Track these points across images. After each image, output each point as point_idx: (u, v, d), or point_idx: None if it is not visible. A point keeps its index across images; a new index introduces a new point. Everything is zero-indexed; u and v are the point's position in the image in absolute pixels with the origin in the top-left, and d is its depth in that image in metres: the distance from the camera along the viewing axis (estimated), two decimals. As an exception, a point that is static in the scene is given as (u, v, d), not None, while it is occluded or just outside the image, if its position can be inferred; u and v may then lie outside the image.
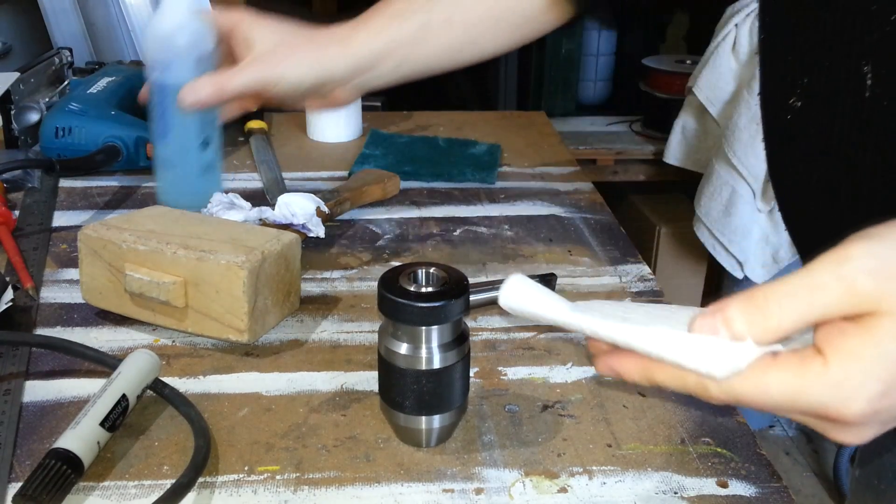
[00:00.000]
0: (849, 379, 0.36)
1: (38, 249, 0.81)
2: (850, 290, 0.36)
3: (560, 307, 0.47)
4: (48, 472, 0.49)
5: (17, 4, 1.45)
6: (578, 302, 0.55)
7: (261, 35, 0.74)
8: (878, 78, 0.48)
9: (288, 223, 0.78)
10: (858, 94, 0.49)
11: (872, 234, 0.37)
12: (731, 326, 0.38)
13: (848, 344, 0.37)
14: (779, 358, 0.38)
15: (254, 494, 0.52)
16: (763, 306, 0.38)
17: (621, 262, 0.82)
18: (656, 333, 0.41)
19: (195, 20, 0.75)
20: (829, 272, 0.37)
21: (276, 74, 0.73)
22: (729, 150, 1.45)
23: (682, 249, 1.96)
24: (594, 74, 2.19)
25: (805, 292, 0.37)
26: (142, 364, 0.59)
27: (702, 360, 0.39)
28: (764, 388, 0.38)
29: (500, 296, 0.49)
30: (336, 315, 0.72)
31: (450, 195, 0.96)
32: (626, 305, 0.54)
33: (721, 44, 1.52)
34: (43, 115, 1.01)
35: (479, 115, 1.27)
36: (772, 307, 0.37)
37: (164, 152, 0.80)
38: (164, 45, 0.75)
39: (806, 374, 0.37)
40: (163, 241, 0.65)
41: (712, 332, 0.38)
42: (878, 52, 0.47)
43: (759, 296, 0.38)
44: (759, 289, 0.38)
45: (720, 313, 0.38)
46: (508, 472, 0.54)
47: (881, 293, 0.36)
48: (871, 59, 0.48)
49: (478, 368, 0.65)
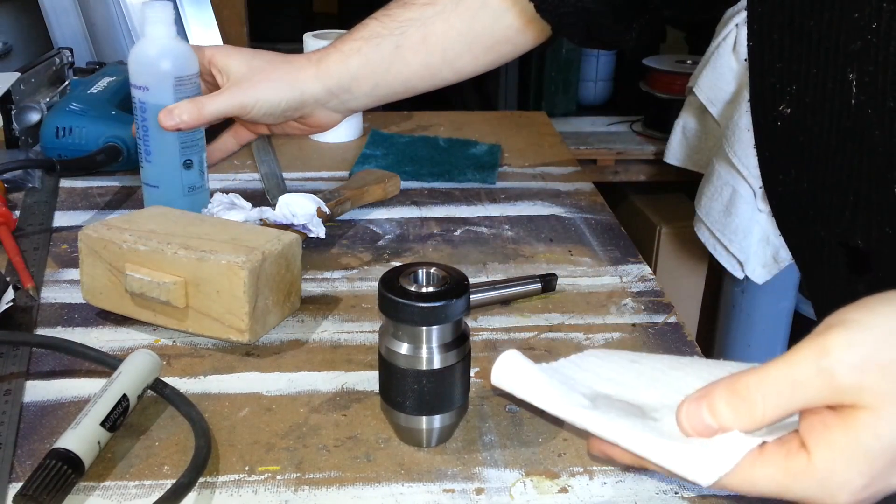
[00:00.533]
0: (833, 474, 0.38)
1: (39, 249, 0.81)
2: (830, 385, 0.37)
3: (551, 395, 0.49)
4: (49, 472, 0.49)
5: (17, 4, 1.45)
6: (573, 356, 0.55)
7: (236, 63, 0.78)
8: (862, 85, 0.48)
9: (288, 223, 0.78)
10: (844, 101, 0.50)
11: (852, 321, 0.38)
12: (716, 416, 0.40)
13: (830, 438, 0.38)
14: (764, 452, 0.40)
15: (254, 494, 0.52)
16: (747, 397, 0.39)
17: (622, 262, 0.82)
18: (645, 439, 0.43)
19: (177, 45, 0.78)
20: (811, 364, 0.38)
21: (251, 98, 0.76)
22: (729, 150, 1.45)
23: (683, 249, 1.96)
24: (594, 74, 2.19)
25: (787, 385, 0.38)
26: (142, 364, 0.59)
27: (689, 467, 0.41)
28: (751, 483, 0.40)
29: (492, 374, 0.50)
30: (337, 315, 0.72)
31: (450, 195, 0.96)
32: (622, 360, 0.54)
33: (721, 44, 1.52)
34: (43, 115, 1.01)
35: (480, 116, 1.27)
36: (755, 398, 0.39)
37: (148, 172, 0.82)
38: (147, 68, 0.78)
39: (791, 469, 0.39)
40: (163, 242, 0.65)
41: (699, 422, 0.40)
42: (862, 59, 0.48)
43: (743, 386, 0.39)
44: (743, 378, 0.39)
45: (706, 400, 0.40)
46: (509, 472, 0.54)
47: (861, 387, 0.37)
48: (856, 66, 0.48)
49: (478, 368, 0.65)
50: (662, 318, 0.72)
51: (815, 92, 0.52)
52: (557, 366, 0.54)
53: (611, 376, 0.52)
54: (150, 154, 0.80)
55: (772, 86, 0.54)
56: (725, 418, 0.39)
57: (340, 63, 0.78)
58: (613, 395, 0.50)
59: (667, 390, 0.49)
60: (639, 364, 0.53)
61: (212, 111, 0.77)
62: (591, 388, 0.51)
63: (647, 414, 0.48)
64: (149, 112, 0.79)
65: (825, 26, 0.50)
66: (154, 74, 0.77)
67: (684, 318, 0.73)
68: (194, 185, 0.82)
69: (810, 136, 0.53)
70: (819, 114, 0.52)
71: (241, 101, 0.77)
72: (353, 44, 0.79)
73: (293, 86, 0.78)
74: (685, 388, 0.48)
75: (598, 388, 0.51)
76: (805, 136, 0.53)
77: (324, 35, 1.10)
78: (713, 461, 0.40)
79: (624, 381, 0.51)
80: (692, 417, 0.40)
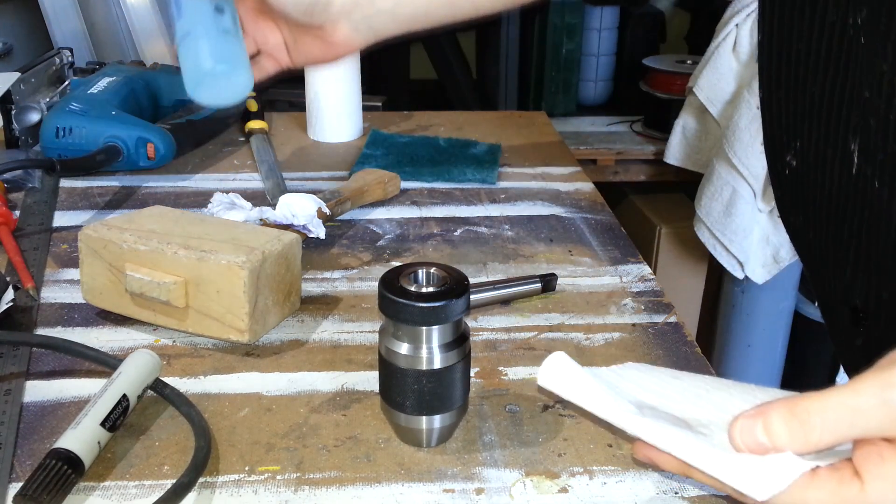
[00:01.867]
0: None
1: (39, 249, 0.81)
2: (891, 417, 0.38)
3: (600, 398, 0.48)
4: (49, 472, 0.49)
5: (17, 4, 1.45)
6: (614, 366, 0.55)
7: None
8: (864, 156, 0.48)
9: (288, 224, 0.78)
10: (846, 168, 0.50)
11: None
12: (772, 436, 0.39)
13: (885, 470, 0.38)
14: (817, 476, 0.40)
15: (254, 494, 0.52)
16: (805, 420, 0.39)
17: (622, 262, 0.82)
18: (699, 448, 0.43)
19: None
20: (874, 395, 0.38)
21: None
22: (729, 150, 1.45)
23: (683, 249, 1.96)
24: (594, 74, 2.19)
25: (848, 412, 0.38)
26: (142, 364, 0.59)
27: (745, 481, 0.40)
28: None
29: (539, 375, 0.49)
30: (337, 315, 0.72)
31: (450, 195, 0.96)
32: (664, 375, 0.54)
33: (721, 44, 1.52)
34: (43, 115, 1.01)
35: (480, 115, 1.27)
36: (814, 422, 0.38)
37: (181, 29, 0.76)
38: None
39: (843, 496, 0.39)
40: (163, 242, 0.65)
41: (752, 440, 0.40)
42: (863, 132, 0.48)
43: (802, 409, 0.39)
44: (803, 401, 0.39)
45: (762, 418, 0.40)
46: (509, 472, 0.54)
47: None
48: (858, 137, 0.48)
49: (478, 368, 0.65)
50: (662, 318, 0.72)
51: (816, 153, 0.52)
52: (599, 372, 0.53)
53: (654, 389, 0.52)
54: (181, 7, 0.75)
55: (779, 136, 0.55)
56: (780, 438, 0.39)
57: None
58: (658, 407, 0.50)
59: (712, 408, 0.49)
60: (681, 381, 0.53)
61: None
62: (636, 398, 0.50)
63: (693, 428, 0.47)
64: None
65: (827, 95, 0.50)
66: None
67: (684, 318, 0.73)
68: (227, 30, 0.76)
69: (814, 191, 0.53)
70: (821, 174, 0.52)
71: None
72: None
73: None
74: (731, 408, 0.48)
75: (642, 399, 0.50)
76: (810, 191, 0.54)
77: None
78: (769, 477, 0.40)
79: (668, 395, 0.51)
80: (745, 433, 0.40)
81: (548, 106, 2.09)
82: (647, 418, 0.46)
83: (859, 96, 0.47)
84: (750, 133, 1.43)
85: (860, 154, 0.49)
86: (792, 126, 0.53)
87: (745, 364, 1.74)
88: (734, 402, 0.48)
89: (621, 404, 0.47)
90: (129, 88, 1.04)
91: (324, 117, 1.11)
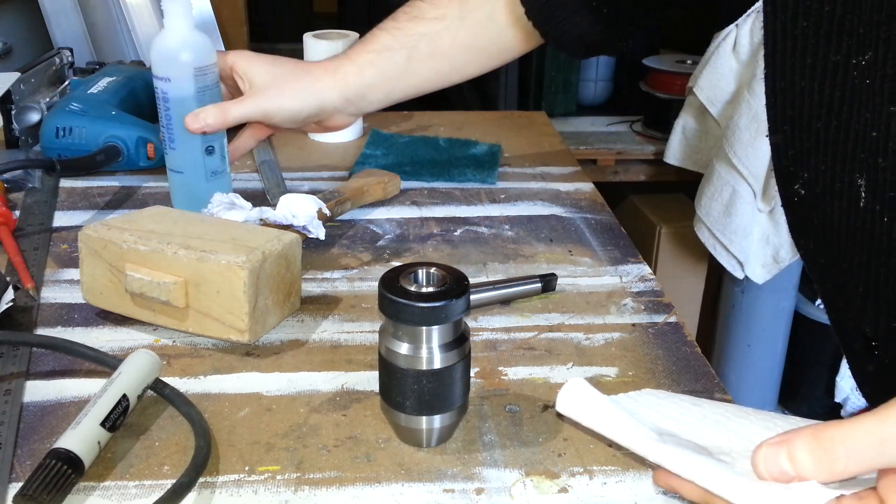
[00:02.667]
0: None
1: (39, 249, 0.81)
2: None
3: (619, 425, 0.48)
4: (49, 472, 0.49)
5: (17, 4, 1.45)
6: (632, 392, 0.55)
7: (259, 71, 0.82)
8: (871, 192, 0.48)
9: (288, 224, 0.78)
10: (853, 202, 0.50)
11: None
12: (796, 464, 0.39)
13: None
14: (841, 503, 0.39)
15: (254, 494, 0.52)
16: (830, 449, 0.38)
17: (622, 262, 0.82)
18: (722, 476, 0.42)
19: (196, 37, 0.81)
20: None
21: (275, 105, 0.82)
22: (729, 150, 1.45)
23: (683, 249, 1.96)
24: (594, 74, 2.19)
25: (874, 441, 0.38)
26: (142, 364, 0.59)
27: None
28: None
29: (557, 401, 0.49)
30: (337, 315, 0.72)
31: (450, 195, 0.96)
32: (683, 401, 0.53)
33: (721, 44, 1.52)
34: (43, 115, 1.01)
35: (480, 115, 1.27)
36: (839, 451, 0.38)
37: (173, 159, 0.85)
38: (168, 60, 0.81)
39: None
40: (163, 242, 0.65)
41: (776, 468, 0.39)
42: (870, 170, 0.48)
43: (828, 437, 0.39)
44: (828, 429, 0.39)
45: (786, 447, 0.39)
46: (509, 472, 0.54)
47: None
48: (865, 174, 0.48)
49: (478, 368, 0.65)
50: (662, 318, 0.72)
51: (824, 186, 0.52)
52: (618, 398, 0.53)
53: (673, 415, 0.52)
54: (174, 142, 0.84)
55: (787, 167, 0.55)
56: (805, 467, 0.39)
57: (356, 75, 0.83)
58: (678, 434, 0.49)
59: (733, 436, 0.48)
60: (700, 408, 0.52)
61: (236, 116, 0.81)
62: (655, 425, 0.50)
63: (714, 456, 0.47)
64: (171, 102, 0.82)
65: (832, 133, 0.49)
66: (175, 65, 0.80)
67: (684, 318, 0.73)
68: (216, 170, 0.86)
69: (823, 221, 0.53)
70: (829, 206, 0.52)
71: (264, 108, 0.82)
72: (367, 56, 0.84)
73: (313, 95, 0.83)
74: (752, 435, 0.47)
75: (661, 425, 0.50)
76: (819, 220, 0.54)
77: (324, 35, 1.10)
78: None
79: (688, 422, 0.51)
80: (769, 462, 0.40)
81: (548, 106, 2.09)
82: (668, 445, 0.45)
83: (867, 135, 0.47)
84: (750, 133, 1.43)
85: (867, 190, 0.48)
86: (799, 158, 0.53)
87: (745, 364, 1.73)
88: (755, 429, 0.48)
89: (642, 430, 0.47)
90: (129, 88, 1.04)
91: (324, 117, 1.11)
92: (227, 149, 0.87)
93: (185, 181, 0.85)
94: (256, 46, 1.71)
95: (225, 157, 0.87)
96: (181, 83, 0.81)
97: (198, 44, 0.81)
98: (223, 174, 0.87)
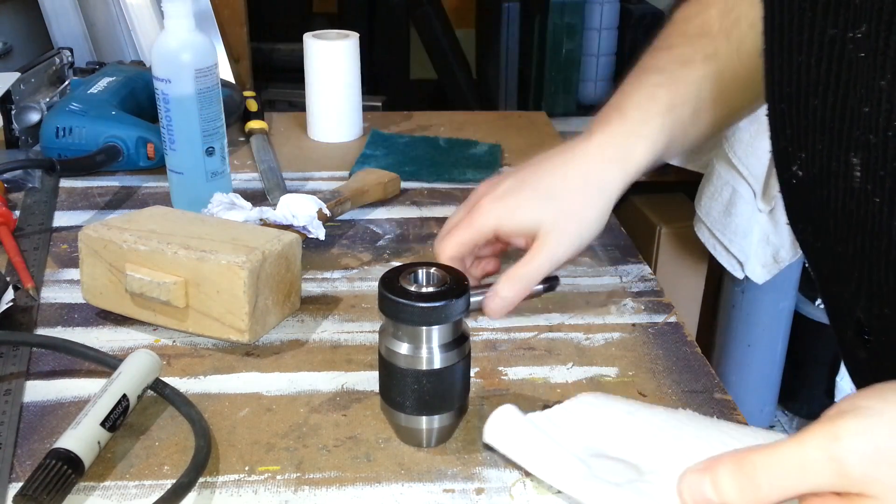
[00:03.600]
0: None
1: (39, 249, 0.81)
2: (839, 472, 0.37)
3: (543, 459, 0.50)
4: (49, 472, 0.49)
5: (17, 4, 1.44)
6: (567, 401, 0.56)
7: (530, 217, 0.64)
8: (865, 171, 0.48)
9: (288, 224, 0.78)
10: (848, 182, 0.50)
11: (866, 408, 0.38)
12: (719, 491, 0.39)
13: None
14: None
15: (254, 494, 0.52)
16: (752, 476, 0.38)
17: (622, 262, 0.82)
18: None
19: (196, 38, 0.81)
20: (821, 450, 0.37)
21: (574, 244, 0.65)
22: (729, 150, 1.45)
23: (683, 249, 1.96)
24: (594, 74, 2.19)
25: (795, 468, 0.38)
26: (142, 364, 0.59)
27: None
28: None
29: (484, 431, 0.50)
30: (337, 315, 0.72)
31: (450, 195, 0.96)
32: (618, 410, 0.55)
33: (721, 44, 1.52)
34: (43, 115, 1.01)
35: (480, 115, 1.27)
36: (761, 478, 0.38)
37: (173, 160, 0.86)
38: (168, 62, 0.81)
39: None
40: (163, 242, 0.65)
41: (700, 496, 0.39)
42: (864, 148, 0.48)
43: (750, 464, 0.38)
44: (750, 456, 0.39)
45: (710, 474, 0.39)
46: (509, 472, 0.54)
47: (870, 478, 0.37)
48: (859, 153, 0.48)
49: (478, 368, 0.65)
50: (662, 318, 0.72)
51: (821, 166, 0.51)
52: (552, 414, 0.54)
53: (606, 428, 0.53)
54: (175, 143, 0.84)
55: (785, 147, 0.54)
56: (728, 495, 0.39)
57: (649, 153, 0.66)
58: (608, 453, 0.51)
59: (663, 449, 0.50)
60: (634, 416, 0.54)
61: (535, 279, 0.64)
62: (585, 445, 0.51)
63: (642, 474, 0.48)
64: (171, 103, 0.82)
65: (829, 110, 0.49)
66: (175, 67, 0.81)
67: (684, 318, 0.73)
68: (216, 171, 0.86)
69: (820, 203, 0.53)
70: (826, 187, 0.52)
71: (559, 257, 0.64)
72: (656, 121, 0.66)
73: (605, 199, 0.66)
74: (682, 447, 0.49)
75: (592, 444, 0.51)
76: (816, 202, 0.53)
77: (324, 35, 1.10)
78: None
79: (619, 437, 0.52)
80: (693, 489, 0.39)
81: (548, 106, 2.09)
82: (589, 480, 0.47)
83: (860, 112, 0.47)
84: (750, 133, 1.43)
85: (862, 169, 0.48)
86: (796, 138, 0.53)
87: (745, 364, 1.74)
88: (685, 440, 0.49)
89: (567, 462, 0.48)
90: (129, 88, 1.04)
91: (324, 117, 1.11)
92: (226, 150, 0.87)
93: (185, 182, 0.86)
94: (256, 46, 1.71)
95: (225, 158, 0.87)
96: (182, 84, 0.81)
97: (198, 45, 0.81)
98: (223, 174, 0.87)
